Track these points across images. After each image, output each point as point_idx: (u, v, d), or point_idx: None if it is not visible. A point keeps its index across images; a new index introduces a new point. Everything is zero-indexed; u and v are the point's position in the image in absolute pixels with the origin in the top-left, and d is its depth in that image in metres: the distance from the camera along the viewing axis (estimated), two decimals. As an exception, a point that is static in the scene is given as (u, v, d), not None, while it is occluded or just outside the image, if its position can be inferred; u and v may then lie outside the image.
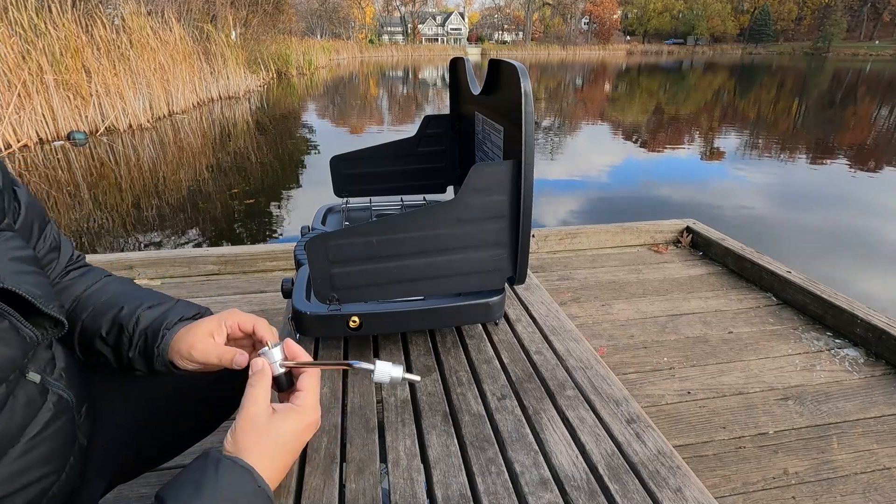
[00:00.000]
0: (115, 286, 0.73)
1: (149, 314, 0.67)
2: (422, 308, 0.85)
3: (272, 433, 0.52)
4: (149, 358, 0.65)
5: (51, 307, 0.55)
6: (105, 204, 4.45)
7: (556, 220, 4.21)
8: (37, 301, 0.53)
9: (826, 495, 1.15)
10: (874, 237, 3.95)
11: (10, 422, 0.52)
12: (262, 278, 2.19)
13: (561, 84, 20.52)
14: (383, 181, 1.31)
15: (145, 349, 0.65)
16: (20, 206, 0.63)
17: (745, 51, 70.75)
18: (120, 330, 0.66)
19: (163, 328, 0.65)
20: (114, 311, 0.67)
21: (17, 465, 0.53)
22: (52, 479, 0.58)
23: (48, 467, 0.57)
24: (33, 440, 0.55)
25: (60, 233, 0.74)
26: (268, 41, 17.04)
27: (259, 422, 0.52)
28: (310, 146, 7.37)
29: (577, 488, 0.58)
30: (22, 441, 0.54)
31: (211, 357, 0.63)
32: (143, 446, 0.78)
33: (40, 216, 0.68)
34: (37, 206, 0.67)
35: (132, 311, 0.67)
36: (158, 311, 0.68)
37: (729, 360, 1.64)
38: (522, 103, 0.71)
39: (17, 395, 0.54)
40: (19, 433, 0.53)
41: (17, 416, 0.53)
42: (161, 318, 0.67)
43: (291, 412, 0.55)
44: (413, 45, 75.93)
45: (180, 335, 0.64)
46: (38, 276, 0.57)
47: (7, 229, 0.58)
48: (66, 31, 7.09)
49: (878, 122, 10.23)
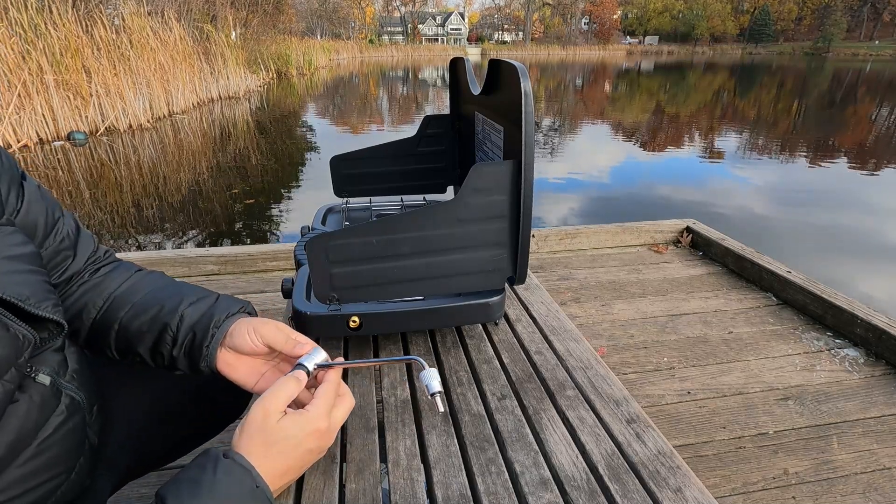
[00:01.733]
0: (150, 281, 0.71)
1: (193, 311, 0.65)
2: (422, 308, 0.85)
3: (276, 435, 0.52)
4: (195, 357, 0.64)
5: (42, 308, 0.53)
6: (105, 204, 4.45)
7: (556, 220, 4.21)
8: (24, 304, 0.51)
9: (826, 495, 1.15)
10: (874, 237, 3.95)
11: (25, 423, 0.52)
12: (262, 278, 2.19)
13: (561, 84, 20.52)
14: (383, 181, 1.31)
15: (192, 349, 0.63)
16: (23, 200, 0.61)
17: (744, 51, 70.77)
18: (163, 329, 0.64)
19: (212, 326, 0.64)
20: (154, 310, 0.65)
21: (28, 466, 0.52)
22: (61, 480, 0.57)
23: (59, 468, 0.57)
24: (46, 441, 0.54)
25: (82, 229, 0.71)
26: (268, 41, 17.05)
27: (267, 422, 0.52)
28: (310, 146, 7.37)
29: (577, 488, 0.58)
30: (34, 443, 0.53)
31: (279, 339, 0.62)
32: (152, 446, 0.78)
33: (49, 211, 0.65)
34: (44, 201, 0.65)
35: (174, 308, 0.65)
36: (203, 306, 0.66)
37: (729, 360, 1.64)
38: (522, 103, 0.71)
39: (33, 396, 0.53)
40: (34, 435, 0.53)
41: (33, 418, 0.53)
42: (209, 313, 0.65)
43: (299, 416, 0.54)
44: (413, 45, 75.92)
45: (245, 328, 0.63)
46: (33, 276, 0.55)
47: (7, 224, 0.56)
48: (66, 31, 7.09)
49: (878, 121, 10.23)
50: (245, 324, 0.64)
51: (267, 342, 0.62)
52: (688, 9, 78.08)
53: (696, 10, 76.76)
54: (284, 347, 0.62)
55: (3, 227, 0.55)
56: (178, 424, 0.80)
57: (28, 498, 0.53)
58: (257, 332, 0.63)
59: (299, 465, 0.55)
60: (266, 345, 0.63)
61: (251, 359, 0.65)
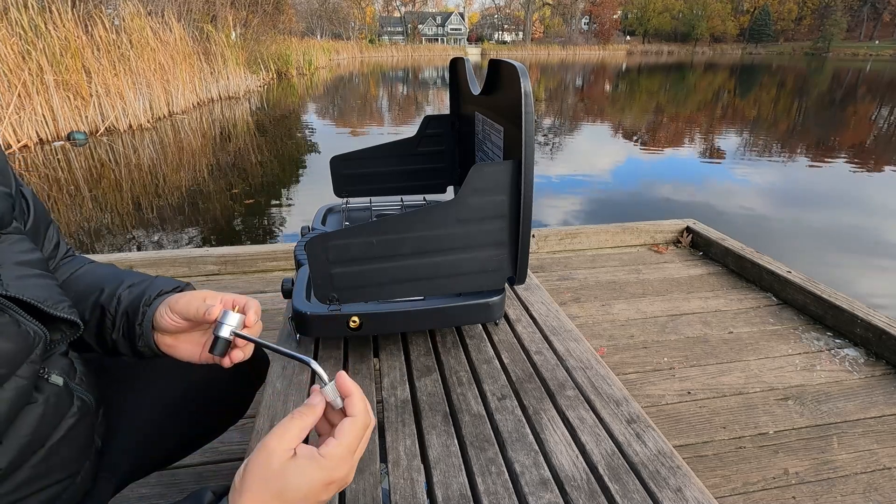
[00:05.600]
0: (95, 270, 0.71)
1: (128, 293, 0.64)
2: (422, 308, 0.85)
3: (279, 483, 0.42)
4: (131, 339, 0.63)
5: (60, 309, 0.54)
6: (105, 204, 4.45)
7: (556, 220, 4.21)
8: (43, 305, 0.52)
9: (826, 495, 1.15)
10: (875, 237, 3.95)
11: (40, 425, 0.52)
12: (262, 278, 2.19)
13: (561, 84, 20.53)
14: (383, 181, 1.31)
15: (128, 330, 0.63)
16: (29, 207, 0.63)
17: (744, 51, 70.77)
18: (102, 313, 0.64)
19: (142, 305, 0.62)
20: (94, 295, 0.65)
21: (38, 468, 0.52)
22: (67, 484, 0.57)
23: (66, 471, 0.57)
24: (57, 444, 0.54)
25: (60, 231, 0.75)
26: (268, 41, 17.04)
27: (271, 465, 0.42)
28: (310, 146, 7.37)
29: (577, 488, 0.58)
30: (47, 444, 0.53)
31: (190, 309, 0.59)
32: (154, 448, 0.78)
33: (46, 216, 0.68)
34: (42, 207, 0.67)
35: (112, 291, 0.65)
36: (139, 288, 0.65)
37: (729, 360, 1.64)
38: (522, 103, 0.71)
39: (49, 398, 0.53)
40: (47, 436, 0.53)
41: (47, 420, 0.53)
42: (140, 294, 0.64)
43: (312, 462, 0.43)
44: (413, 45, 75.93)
45: (162, 309, 0.62)
46: (45, 279, 0.56)
47: (15, 232, 0.57)
48: (66, 32, 7.09)
49: (877, 121, 10.23)
50: (163, 304, 0.62)
51: (183, 316, 0.60)
52: (688, 9, 78.09)
53: (696, 10, 76.78)
54: (197, 317, 0.59)
55: (11, 234, 0.56)
56: (181, 425, 0.80)
57: (33, 501, 0.53)
58: (172, 309, 0.61)
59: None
60: (183, 319, 0.61)
61: (186, 334, 0.63)
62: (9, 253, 0.54)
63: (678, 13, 79.24)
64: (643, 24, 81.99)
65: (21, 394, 0.48)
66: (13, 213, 0.58)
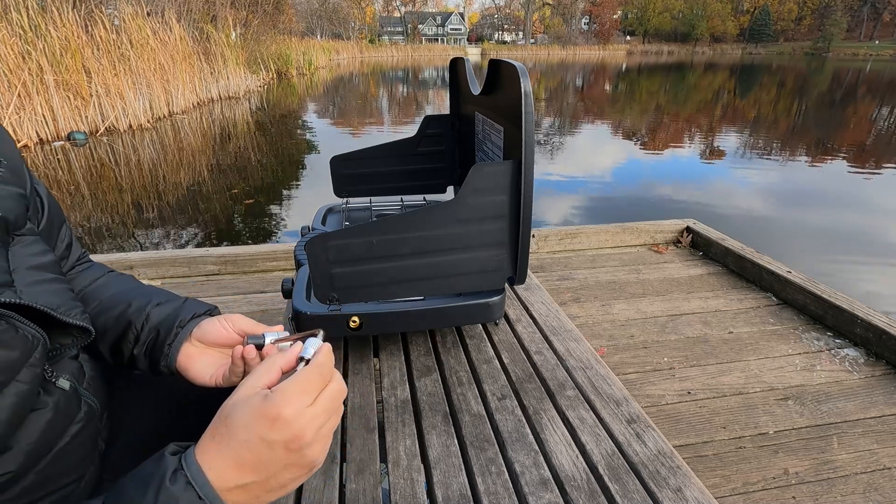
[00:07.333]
0: (119, 282, 0.73)
1: (159, 311, 0.66)
2: (422, 308, 0.85)
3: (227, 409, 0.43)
4: (155, 356, 0.64)
5: (72, 316, 0.54)
6: (105, 204, 4.45)
7: (556, 220, 4.21)
8: (55, 312, 0.52)
9: (826, 495, 1.15)
10: (875, 237, 3.95)
11: (48, 430, 0.51)
12: (262, 278, 2.19)
13: (561, 84, 20.53)
14: (383, 181, 1.31)
15: (153, 347, 0.64)
16: (43, 205, 0.62)
17: (744, 51, 70.79)
18: (127, 326, 0.65)
19: (176, 325, 0.64)
20: (121, 308, 0.66)
21: (43, 474, 0.52)
22: (70, 490, 0.57)
23: (71, 476, 0.57)
24: (63, 449, 0.54)
25: (72, 232, 0.74)
26: (268, 41, 17.04)
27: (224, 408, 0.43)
28: (310, 146, 7.37)
29: (577, 488, 0.58)
30: (53, 450, 0.53)
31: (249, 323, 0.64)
32: (157, 451, 0.78)
33: (59, 215, 0.67)
34: (56, 205, 0.66)
35: (141, 306, 0.66)
36: (170, 307, 0.67)
37: (729, 360, 1.64)
38: (522, 103, 0.71)
39: (59, 403, 0.53)
40: (54, 441, 0.53)
41: (55, 425, 0.53)
42: (174, 314, 0.66)
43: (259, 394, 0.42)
44: (413, 45, 75.93)
45: (201, 325, 0.65)
46: (58, 283, 0.56)
47: (29, 233, 0.57)
48: (66, 32, 7.09)
49: (877, 121, 10.23)
50: (216, 319, 0.66)
51: (239, 329, 0.64)
52: (688, 9, 78.11)
53: (696, 10, 76.79)
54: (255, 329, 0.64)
55: (25, 236, 0.56)
56: (183, 432, 0.80)
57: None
58: (230, 321, 0.65)
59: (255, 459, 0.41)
60: (239, 331, 0.64)
61: (213, 351, 0.66)
62: (22, 256, 0.53)
63: (678, 13, 79.26)
64: (643, 24, 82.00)
65: (23, 398, 0.48)
66: (27, 213, 0.58)
